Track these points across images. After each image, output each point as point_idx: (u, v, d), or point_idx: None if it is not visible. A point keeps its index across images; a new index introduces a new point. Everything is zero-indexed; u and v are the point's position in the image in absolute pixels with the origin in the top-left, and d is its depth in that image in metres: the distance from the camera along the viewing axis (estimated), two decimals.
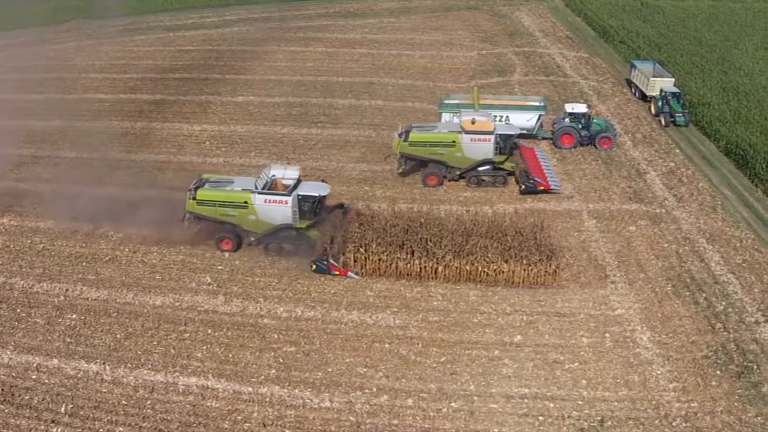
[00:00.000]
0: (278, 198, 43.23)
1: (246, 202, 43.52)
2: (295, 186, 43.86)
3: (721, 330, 37.99)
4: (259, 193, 43.48)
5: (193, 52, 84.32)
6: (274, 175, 44.56)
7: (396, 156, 53.26)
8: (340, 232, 43.80)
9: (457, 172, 52.35)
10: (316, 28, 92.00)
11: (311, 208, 43.50)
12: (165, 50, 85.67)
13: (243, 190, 44.01)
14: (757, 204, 50.46)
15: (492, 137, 50.92)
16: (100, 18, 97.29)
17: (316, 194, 43.53)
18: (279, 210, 43.21)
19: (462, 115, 52.77)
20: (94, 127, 62.57)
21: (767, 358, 36.05)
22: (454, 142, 51.38)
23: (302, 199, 43.26)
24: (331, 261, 42.05)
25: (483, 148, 51.20)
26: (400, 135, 52.41)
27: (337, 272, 42.01)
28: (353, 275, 41.99)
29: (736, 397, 33.73)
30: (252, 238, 44.65)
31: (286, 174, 44.62)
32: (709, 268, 43.20)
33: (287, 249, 44.17)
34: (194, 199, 44.19)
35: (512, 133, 52.41)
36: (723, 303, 40.14)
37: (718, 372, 35.20)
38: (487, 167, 51.96)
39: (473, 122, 51.16)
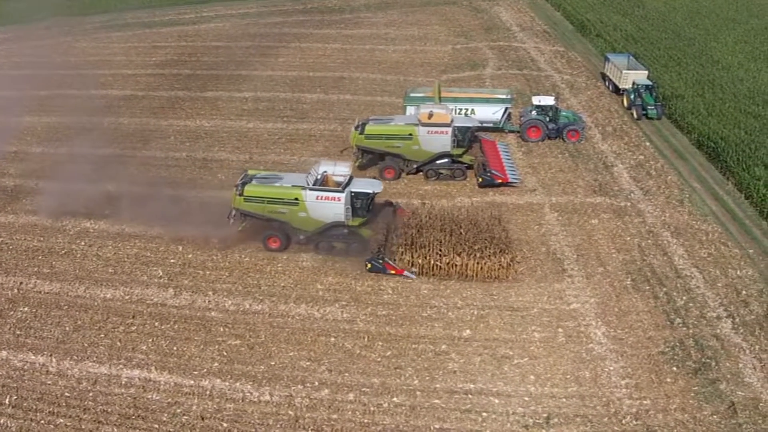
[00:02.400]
0: (331, 194, 41.54)
1: (297, 199, 41.74)
2: (348, 182, 42.33)
3: (680, 325, 36.90)
4: (311, 189, 41.82)
5: (167, 48, 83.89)
6: (325, 171, 42.92)
7: (353, 149, 52.27)
8: (393, 231, 42.37)
9: (415, 166, 51.41)
10: (291, 24, 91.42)
11: (364, 206, 41.99)
12: (139, 46, 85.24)
13: (293, 186, 42.31)
14: (727, 197, 49.43)
15: (449, 130, 49.92)
16: (80, 15, 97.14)
17: (370, 191, 42.05)
18: (331, 207, 41.47)
19: (420, 107, 51.83)
20: (62, 123, 62.23)
21: (727, 354, 34.92)
22: (410, 134, 50.43)
23: (355, 196, 41.75)
24: (387, 260, 40.51)
25: (440, 141, 50.17)
26: (356, 128, 51.48)
27: (393, 271, 40.34)
28: (410, 275, 40.42)
29: (692, 394, 32.61)
30: (301, 237, 42.86)
31: (337, 170, 42.99)
32: (672, 262, 42.12)
33: (338, 248, 42.59)
34: (241, 195, 42.49)
35: (470, 125, 51.42)
36: (684, 297, 39.05)
37: (674, 368, 34.10)
38: (446, 160, 50.92)
39: (430, 115, 50.21)
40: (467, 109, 56.24)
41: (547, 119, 56.91)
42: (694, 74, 68.73)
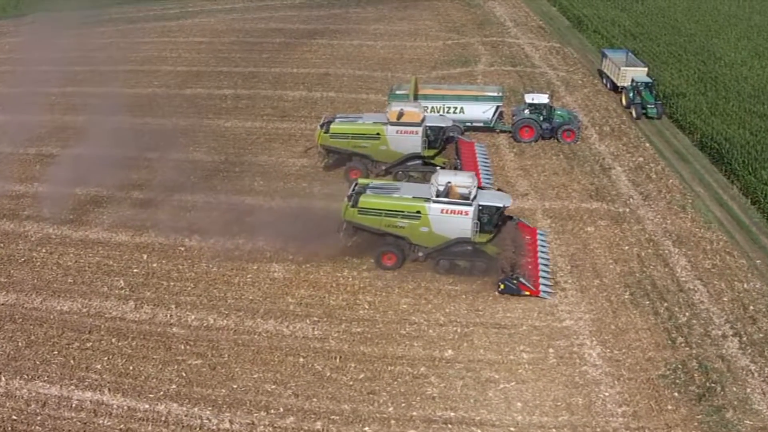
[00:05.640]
0: (458, 208, 38.02)
1: (419, 212, 38.37)
2: (474, 195, 38.56)
3: (683, 345, 34.16)
4: (435, 201, 38.38)
5: (149, 44, 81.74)
6: (449, 182, 39.30)
7: (318, 148, 49.72)
8: (520, 249, 39.08)
9: (383, 167, 48.64)
10: (278, 19, 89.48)
11: (492, 221, 38.51)
12: (121, 42, 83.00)
13: (415, 198, 38.90)
14: (732, 202, 46.78)
15: (420, 129, 47.12)
16: (65, 10, 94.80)
17: (500, 205, 38.52)
18: (457, 221, 37.96)
19: (392, 105, 49.15)
20: (37, 121, 59.91)
21: (734, 377, 32.20)
22: (378, 134, 47.70)
23: (483, 210, 38.22)
24: (522, 280, 37.28)
25: (410, 141, 47.34)
26: (321, 126, 48.95)
27: (527, 293, 37.13)
28: (546, 296, 37.21)
29: (695, 423, 29.95)
30: (420, 254, 39.29)
31: (462, 181, 39.38)
32: (674, 274, 39.40)
33: (461, 266, 38.94)
34: (354, 206, 39.02)
35: (444, 125, 48.52)
36: (687, 314, 36.30)
37: (676, 394, 31.44)
38: (417, 162, 47.99)
39: (401, 113, 47.39)
40: (455, 107, 53.76)
41: (541, 118, 54.21)
42: (696, 71, 66.20)
